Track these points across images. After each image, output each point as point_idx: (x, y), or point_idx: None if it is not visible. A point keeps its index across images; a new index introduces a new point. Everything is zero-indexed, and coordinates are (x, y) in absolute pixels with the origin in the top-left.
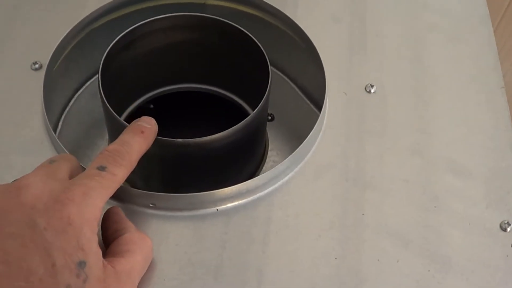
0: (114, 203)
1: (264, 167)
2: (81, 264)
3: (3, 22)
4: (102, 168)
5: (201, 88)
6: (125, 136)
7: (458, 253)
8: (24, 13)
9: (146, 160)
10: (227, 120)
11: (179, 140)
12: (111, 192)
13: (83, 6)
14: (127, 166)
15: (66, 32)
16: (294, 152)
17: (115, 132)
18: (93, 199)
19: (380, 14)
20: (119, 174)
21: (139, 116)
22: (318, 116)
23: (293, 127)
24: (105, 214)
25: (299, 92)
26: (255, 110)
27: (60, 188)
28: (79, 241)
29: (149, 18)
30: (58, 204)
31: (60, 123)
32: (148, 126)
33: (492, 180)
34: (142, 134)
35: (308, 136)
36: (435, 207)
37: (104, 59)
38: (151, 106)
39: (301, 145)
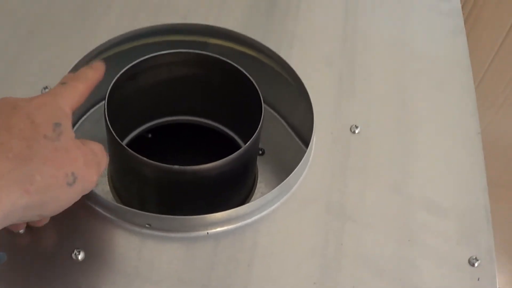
0: (113, 219)
1: (252, 197)
2: (57, 125)
3: (18, 46)
4: (63, 84)
5: (197, 120)
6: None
7: (429, 284)
8: (39, 39)
9: (143, 184)
10: (219, 152)
11: (176, 167)
12: (76, 99)
13: (94, 37)
14: (84, 82)
15: (77, 61)
16: (282, 183)
17: (117, 157)
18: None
19: (369, 59)
20: (79, 86)
21: (139, 144)
22: (305, 152)
23: (281, 162)
24: None
25: (289, 129)
26: (248, 142)
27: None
28: (56, 111)
29: (154, 53)
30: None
31: None
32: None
33: (464, 219)
34: (92, 67)
35: (295, 170)
36: (409, 241)
37: (111, 89)
38: (149, 135)
39: (288, 177)
